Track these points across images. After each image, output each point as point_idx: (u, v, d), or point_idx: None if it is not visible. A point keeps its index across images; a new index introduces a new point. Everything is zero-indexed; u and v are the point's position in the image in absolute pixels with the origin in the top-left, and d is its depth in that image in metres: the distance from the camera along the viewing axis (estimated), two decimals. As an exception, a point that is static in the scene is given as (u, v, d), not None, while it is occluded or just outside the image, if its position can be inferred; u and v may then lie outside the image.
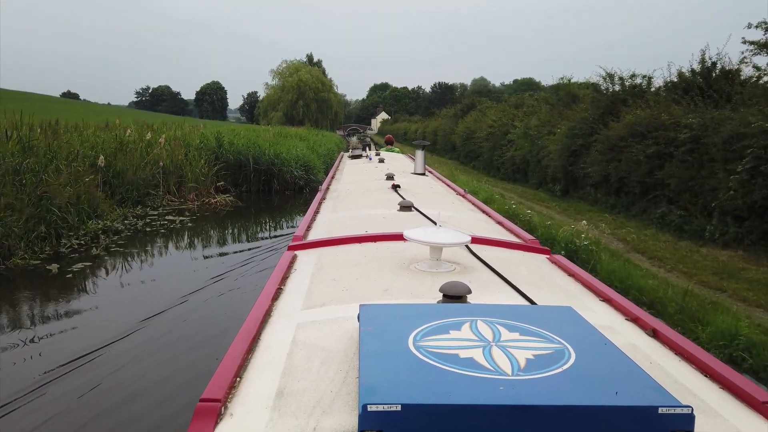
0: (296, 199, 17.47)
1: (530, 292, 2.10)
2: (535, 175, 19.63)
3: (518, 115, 24.08)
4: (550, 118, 19.73)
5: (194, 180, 16.10)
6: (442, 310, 1.56)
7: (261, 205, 16.81)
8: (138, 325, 6.38)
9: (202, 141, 18.32)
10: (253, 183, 18.11)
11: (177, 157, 16.18)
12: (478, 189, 15.84)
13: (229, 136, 19.24)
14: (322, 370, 1.43)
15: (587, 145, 15.50)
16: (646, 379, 1.20)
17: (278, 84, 63.57)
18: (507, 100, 30.52)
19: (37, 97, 63.23)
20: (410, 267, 2.36)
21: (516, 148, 21.71)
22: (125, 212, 12.77)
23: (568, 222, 12.53)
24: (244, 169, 17.98)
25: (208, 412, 1.27)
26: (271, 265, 4.78)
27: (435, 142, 44.27)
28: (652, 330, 1.87)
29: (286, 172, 18.07)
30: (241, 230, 13.34)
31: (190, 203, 15.12)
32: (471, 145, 30.72)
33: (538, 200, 16.82)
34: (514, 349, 1.30)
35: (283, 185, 18.33)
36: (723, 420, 1.32)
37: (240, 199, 16.53)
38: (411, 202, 3.89)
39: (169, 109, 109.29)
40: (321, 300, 2.03)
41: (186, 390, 4.85)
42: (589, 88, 19.50)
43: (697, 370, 1.60)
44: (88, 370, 5.24)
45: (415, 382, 1.14)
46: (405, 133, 56.91)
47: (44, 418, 4.42)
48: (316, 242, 3.00)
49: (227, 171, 17.39)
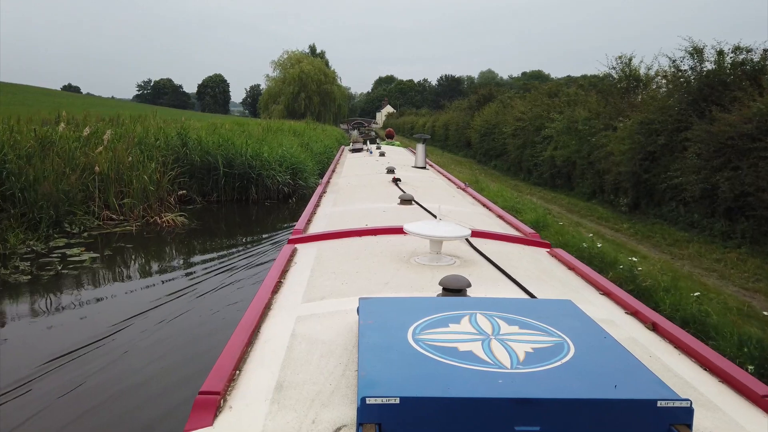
0: (279, 212, 13.58)
1: (530, 285, 2.10)
2: (586, 182, 15.45)
3: (555, 106, 19.86)
4: (604, 109, 15.51)
5: (141, 190, 12.11)
6: (442, 303, 1.56)
7: (230, 222, 12.91)
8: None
9: (159, 138, 14.25)
10: (226, 191, 14.21)
11: (123, 160, 12.21)
12: (520, 204, 11.74)
13: (203, 132, 15.28)
14: (322, 363, 1.43)
15: (673, 145, 11.30)
16: (646, 372, 1.20)
17: (279, 76, 60.12)
18: (537, 88, 25.28)
19: (33, 89, 60.40)
20: (410, 260, 2.37)
21: (556, 146, 17.48)
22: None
23: (664, 260, 8.44)
24: (214, 174, 14.02)
25: (207, 405, 1.26)
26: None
27: (446, 138, 40.18)
28: (652, 324, 1.86)
29: (267, 177, 14.09)
30: (175, 275, 8.46)
31: (132, 223, 11.14)
32: (491, 141, 26.56)
33: (595, 217, 12.74)
34: (513, 343, 1.30)
35: (263, 193, 14.41)
36: (722, 413, 1.31)
37: (206, 213, 12.89)
38: (411, 196, 3.89)
39: (171, 102, 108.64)
40: (321, 293, 2.03)
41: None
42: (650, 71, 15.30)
43: (697, 364, 1.59)
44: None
45: (414, 375, 1.14)
46: (412, 128, 52.70)
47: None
48: (316, 235, 2.98)
49: (195, 176, 13.90)
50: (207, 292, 7.28)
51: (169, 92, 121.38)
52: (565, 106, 18.66)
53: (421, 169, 6.49)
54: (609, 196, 13.86)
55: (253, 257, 9.25)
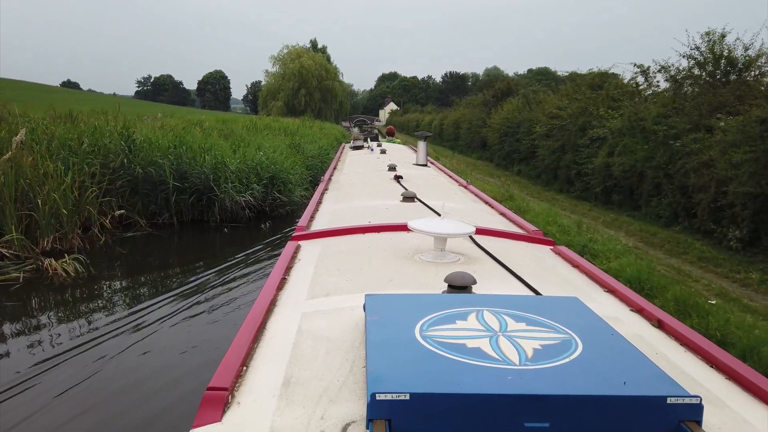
0: (247, 242, 9.81)
1: (535, 282, 2.10)
2: (664, 201, 11.68)
3: (602, 100, 16.03)
4: (691, 103, 11.61)
5: (50, 214, 8.54)
6: (448, 300, 1.55)
7: (164, 261, 9.11)
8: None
9: (93, 142, 10.57)
10: (183, 210, 10.99)
11: (36, 171, 8.76)
12: (594, 240, 8.04)
13: (160, 132, 11.69)
14: (328, 360, 1.43)
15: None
16: (654, 369, 1.20)
17: (279, 71, 57.24)
18: (575, 79, 20.10)
19: (28, 85, 57.22)
20: (414, 257, 2.36)
21: (612, 150, 13.63)
22: None
23: None
24: (164, 189, 10.38)
25: (215, 401, 1.25)
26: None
27: (457, 137, 36.35)
28: (657, 321, 1.84)
29: (225, 194, 10.43)
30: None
31: (29, 264, 7.55)
32: (514, 142, 22.78)
33: (694, 257, 9.02)
34: (521, 339, 1.30)
35: (229, 214, 10.74)
36: (730, 410, 1.30)
37: (146, 243, 9.70)
38: (414, 193, 3.92)
39: (171, 99, 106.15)
40: (326, 290, 2.03)
41: None
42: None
43: (703, 361, 1.57)
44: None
45: (423, 371, 1.14)
46: (417, 126, 49.11)
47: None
48: (319, 232, 2.98)
49: (139, 191, 10.57)
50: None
51: (170, 89, 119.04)
52: (626, 98, 14.69)
53: (423, 167, 6.54)
54: (705, 224, 10.08)
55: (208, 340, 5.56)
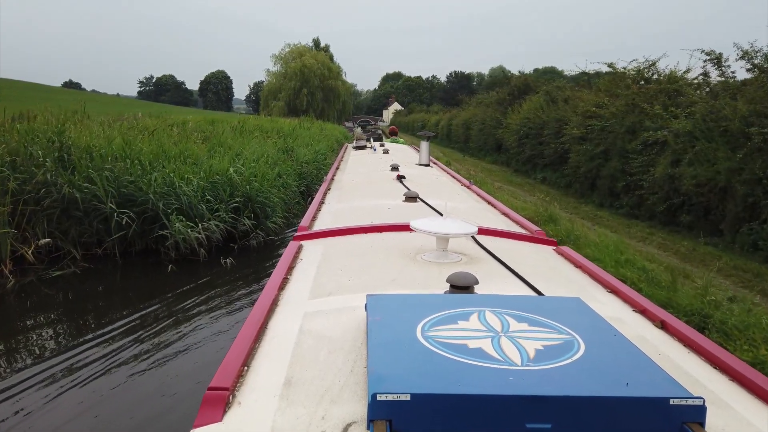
0: (202, 286, 7.13)
1: (537, 283, 2.08)
2: (765, 227, 8.77)
3: (654, 95, 13.30)
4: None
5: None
6: (450, 300, 1.55)
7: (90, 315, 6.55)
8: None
9: (14, 150, 7.98)
10: (132, 239, 8.38)
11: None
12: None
13: (122, 135, 9.26)
14: (330, 360, 1.43)
15: None
16: (657, 370, 1.19)
17: (280, 70, 56.08)
18: (616, 72, 16.22)
19: (27, 85, 55.25)
20: (417, 257, 2.35)
21: (679, 158, 10.90)
22: None
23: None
24: (102, 213, 7.73)
25: (216, 401, 1.25)
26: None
27: (467, 139, 33.60)
28: (661, 322, 1.83)
29: (174, 228, 7.75)
30: None
31: None
32: (537, 145, 20.05)
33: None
34: (523, 340, 1.29)
35: (186, 247, 8.03)
36: (734, 412, 1.29)
37: (72, 284, 7.35)
38: (416, 193, 3.92)
39: (173, 99, 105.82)
40: (327, 289, 2.02)
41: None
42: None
43: (707, 362, 1.57)
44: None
45: (425, 371, 1.13)
46: (423, 126, 46.32)
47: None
48: (321, 232, 2.96)
49: (72, 215, 8.00)
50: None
51: (171, 89, 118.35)
52: (692, 92, 11.87)
53: (425, 167, 6.55)
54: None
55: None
